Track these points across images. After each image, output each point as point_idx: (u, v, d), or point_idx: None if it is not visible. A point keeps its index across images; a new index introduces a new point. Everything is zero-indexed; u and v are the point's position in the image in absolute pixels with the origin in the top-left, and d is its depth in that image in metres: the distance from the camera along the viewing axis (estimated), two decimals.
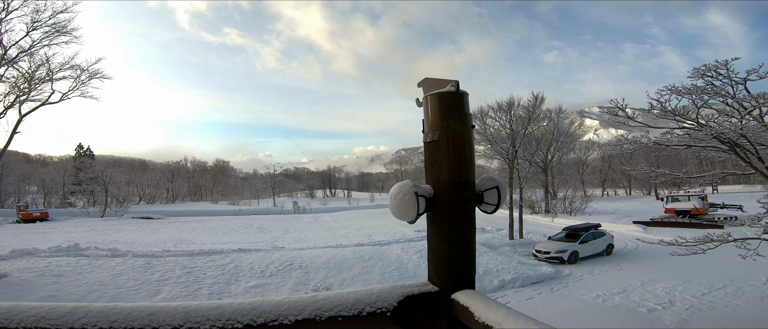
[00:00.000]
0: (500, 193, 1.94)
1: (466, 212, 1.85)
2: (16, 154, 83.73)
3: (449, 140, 1.80)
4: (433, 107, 1.89)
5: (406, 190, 1.72)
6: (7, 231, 23.34)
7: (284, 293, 9.65)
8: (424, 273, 11.35)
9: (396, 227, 23.86)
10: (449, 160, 1.79)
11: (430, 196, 1.80)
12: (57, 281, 9.71)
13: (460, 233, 1.84)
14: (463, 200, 1.83)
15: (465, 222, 1.84)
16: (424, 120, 1.96)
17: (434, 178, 1.84)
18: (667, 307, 10.25)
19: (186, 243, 17.81)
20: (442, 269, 1.85)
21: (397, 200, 1.73)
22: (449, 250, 1.83)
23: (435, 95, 1.89)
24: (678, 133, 6.19)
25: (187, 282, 9.93)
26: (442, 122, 1.83)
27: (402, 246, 14.30)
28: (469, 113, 1.88)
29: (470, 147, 1.88)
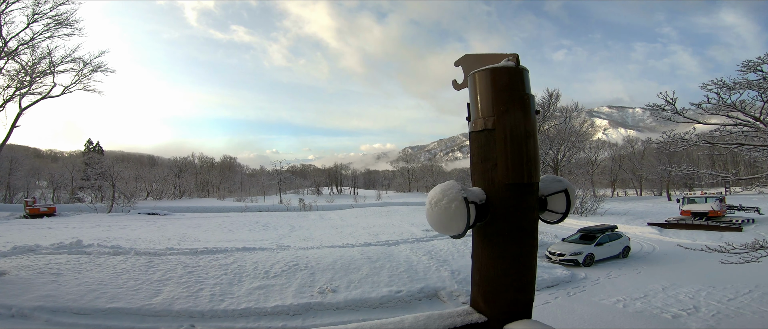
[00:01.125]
0: (569, 199, 1.49)
1: (528, 223, 1.40)
2: (27, 149, 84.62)
3: (508, 130, 1.33)
4: (483, 87, 1.41)
5: (452, 195, 1.28)
6: (12, 226, 23.29)
7: (289, 294, 9.27)
8: (434, 275, 10.82)
9: (403, 226, 23.41)
10: (508, 155, 1.32)
11: (482, 202, 1.36)
12: (55, 280, 9.42)
13: (520, 249, 1.39)
14: (524, 207, 1.37)
15: (526, 235, 1.39)
16: (471, 104, 1.51)
17: (486, 179, 1.39)
18: (693, 313, 9.71)
19: (190, 240, 17.54)
20: (493, 294, 1.40)
21: (440, 208, 1.29)
22: (505, 271, 1.37)
23: (486, 72, 1.40)
24: (730, 131, 5.64)
25: (188, 283, 9.58)
26: (497, 106, 1.34)
27: (410, 246, 13.87)
28: (532, 95, 1.43)
29: (534, 139, 1.42)
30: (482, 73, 1.41)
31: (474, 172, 1.45)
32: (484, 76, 1.40)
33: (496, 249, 1.36)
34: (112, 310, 8.28)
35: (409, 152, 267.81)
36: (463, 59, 1.65)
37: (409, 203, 46.18)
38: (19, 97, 12.63)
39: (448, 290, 9.98)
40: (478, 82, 1.43)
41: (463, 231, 1.27)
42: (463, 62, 1.64)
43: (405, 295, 9.54)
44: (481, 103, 1.40)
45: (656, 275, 12.85)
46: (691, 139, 5.81)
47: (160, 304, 8.51)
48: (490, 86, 1.39)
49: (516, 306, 1.40)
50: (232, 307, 8.55)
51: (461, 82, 1.62)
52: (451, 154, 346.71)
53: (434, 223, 1.33)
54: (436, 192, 1.32)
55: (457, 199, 1.25)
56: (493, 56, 1.50)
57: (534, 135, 1.38)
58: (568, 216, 1.53)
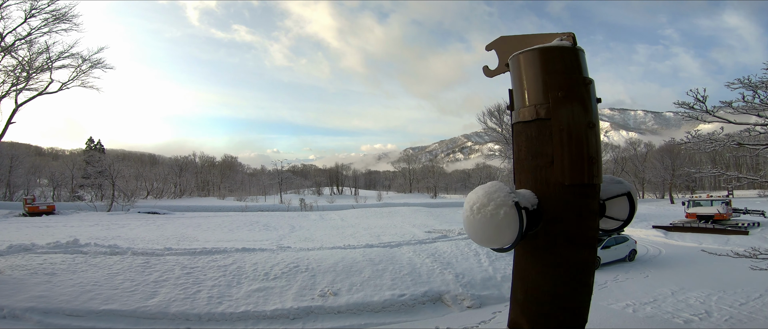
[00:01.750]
0: (632, 204, 1.24)
1: (589, 232, 1.14)
2: (28, 146, 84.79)
3: (566, 120, 1.08)
4: (532, 70, 1.15)
5: (500, 199, 1.01)
6: (11, 224, 23.08)
7: (289, 297, 9.01)
8: (438, 279, 10.57)
9: (405, 227, 23.15)
10: (567, 150, 1.07)
11: (534, 208, 1.11)
12: (49, 280, 9.16)
13: (577, 263, 1.13)
14: (585, 213, 1.10)
15: (586, 246, 1.12)
16: (514, 91, 1.25)
17: (538, 179, 1.10)
18: (705, 318, 9.45)
19: (189, 240, 17.30)
20: (541, 315, 1.11)
21: (485, 216, 1.02)
22: (557, 289, 1.10)
23: (536, 53, 1.13)
24: (759, 131, 5.36)
25: (186, 284, 9.32)
26: (553, 92, 1.09)
27: (413, 248, 13.61)
28: (592, 80, 1.18)
29: (597, 132, 1.18)
30: (530, 54, 1.16)
31: (520, 170, 1.19)
32: (534, 57, 1.15)
33: (549, 262, 1.10)
34: (106, 312, 8.03)
35: (410, 153, 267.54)
36: (498, 42, 1.39)
37: (410, 204, 45.94)
38: (15, 92, 12.40)
39: (452, 294, 9.72)
40: (525, 64, 1.17)
41: (512, 243, 1.02)
42: (498, 45, 1.38)
43: (408, 299, 9.28)
44: (530, 89, 1.15)
45: (664, 279, 12.57)
46: (720, 140, 5.53)
47: (155, 306, 8.25)
48: (541, 69, 1.13)
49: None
50: (230, 310, 8.30)
51: (495, 68, 1.36)
52: (452, 155, 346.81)
53: (476, 233, 1.07)
54: (478, 196, 1.06)
55: (506, 205, 1.00)
56: (536, 37, 1.24)
57: (597, 126, 1.12)
58: None
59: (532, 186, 1.14)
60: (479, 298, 9.70)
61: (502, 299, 9.97)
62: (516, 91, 1.22)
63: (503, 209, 1.01)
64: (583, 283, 1.12)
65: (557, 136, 1.08)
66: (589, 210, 1.09)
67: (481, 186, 1.10)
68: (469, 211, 1.07)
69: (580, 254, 1.09)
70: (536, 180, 1.12)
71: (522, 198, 1.06)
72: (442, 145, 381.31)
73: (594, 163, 1.08)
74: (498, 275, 10.85)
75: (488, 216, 1.02)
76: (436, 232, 20.42)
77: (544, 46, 1.15)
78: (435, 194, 76.12)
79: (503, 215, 1.00)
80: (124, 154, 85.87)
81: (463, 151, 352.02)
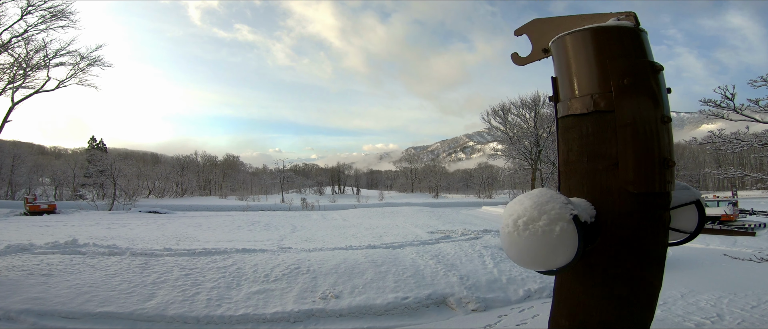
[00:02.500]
0: (702, 214, 1.02)
1: (658, 249, 0.90)
2: (31, 145, 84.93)
3: (634, 113, 0.86)
4: (584, 54, 0.93)
5: (555, 213, 0.75)
6: (11, 223, 22.98)
7: (289, 300, 8.81)
8: (442, 281, 10.37)
9: (407, 227, 22.93)
10: (635, 151, 0.85)
11: (592, 221, 0.88)
12: (45, 281, 8.99)
13: (642, 288, 0.88)
14: (655, 228, 0.89)
15: (653, 265, 0.88)
16: (560, 78, 1.02)
17: (597, 185, 0.86)
18: (716, 322, 9.18)
19: (189, 240, 17.12)
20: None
21: (535, 233, 0.76)
22: (615, 317, 0.86)
23: (589, 34, 0.91)
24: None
25: (184, 286, 9.13)
26: (615, 78, 0.87)
27: (416, 249, 13.39)
28: (662, 66, 0.95)
29: (670, 129, 0.94)
30: (582, 35, 0.94)
31: (570, 174, 0.97)
32: (586, 39, 0.93)
33: (606, 285, 0.88)
34: (102, 314, 7.84)
35: (412, 152, 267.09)
36: (532, 25, 1.18)
37: (412, 204, 45.74)
38: (11, 90, 12.22)
39: (456, 296, 9.50)
40: (574, 48, 0.95)
41: (568, 261, 0.81)
42: (530, 29, 1.17)
43: (412, 302, 9.06)
44: (582, 76, 0.93)
45: (673, 281, 12.28)
46: (745, 140, 5.29)
47: (153, 309, 8.06)
48: (597, 52, 0.91)
49: None
50: (229, 313, 8.10)
51: (527, 55, 1.15)
52: (454, 154, 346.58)
53: (521, 254, 0.85)
54: (525, 208, 0.84)
55: (562, 219, 0.78)
56: (580, 18, 1.02)
57: (670, 122, 0.91)
58: None
59: (586, 193, 0.92)
60: (484, 301, 9.47)
61: (507, 302, 9.74)
62: (563, 79, 1.00)
63: (559, 225, 0.79)
64: (646, 306, 0.91)
65: (622, 133, 0.87)
66: (660, 223, 0.87)
67: (528, 196, 0.88)
68: (513, 227, 0.85)
69: (645, 276, 0.88)
70: (593, 187, 0.90)
71: (580, 209, 0.85)
72: (444, 144, 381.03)
73: (668, 166, 0.86)
74: (503, 277, 10.62)
75: (539, 234, 0.80)
76: (439, 233, 20.19)
77: (600, 26, 0.93)
78: (437, 194, 75.85)
79: (559, 232, 0.79)
80: (126, 153, 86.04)
81: (465, 151, 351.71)
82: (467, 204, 50.68)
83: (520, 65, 1.24)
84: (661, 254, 0.91)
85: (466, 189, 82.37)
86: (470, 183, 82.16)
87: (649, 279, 0.90)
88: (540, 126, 16.25)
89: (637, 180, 0.86)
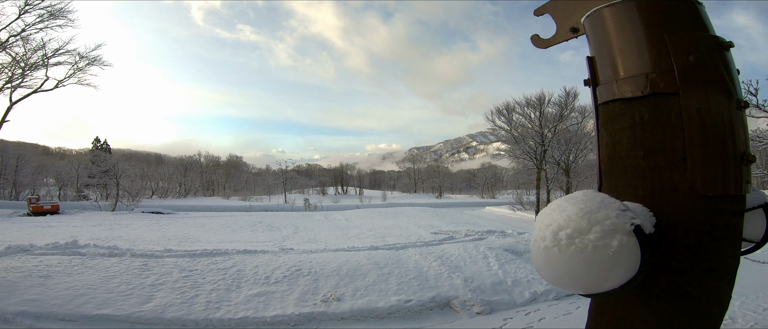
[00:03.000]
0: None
1: (732, 263, 0.73)
2: (36, 146, 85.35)
3: (704, 98, 0.70)
4: (631, 27, 0.77)
5: (610, 224, 0.58)
6: (14, 224, 22.98)
7: (290, 303, 8.64)
8: (446, 283, 10.16)
9: (410, 228, 22.73)
10: (706, 143, 0.69)
11: (652, 231, 0.70)
12: (43, 283, 8.87)
13: (712, 310, 0.72)
14: (730, 239, 0.71)
15: (724, 283, 0.72)
16: (598, 58, 0.82)
17: (657, 186, 0.64)
18: (728, 324, 8.92)
19: (191, 241, 17.01)
20: None
21: (583, 249, 0.59)
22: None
23: (637, 4, 0.75)
24: None
25: (183, 288, 8.98)
26: (677, 54, 0.71)
27: (419, 250, 13.20)
28: (731, 43, 0.77)
29: (744, 115, 0.75)
30: (626, 6, 0.76)
31: (619, 172, 0.77)
32: (632, 10, 0.74)
33: (667, 309, 0.69)
34: (100, 317, 7.71)
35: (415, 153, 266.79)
36: (555, 3, 1.00)
37: (416, 204, 45.53)
38: (10, 90, 12.12)
39: (461, 299, 9.30)
40: (616, 21, 0.76)
41: (624, 287, 0.62)
42: (554, 7, 0.98)
43: (415, 305, 8.87)
44: (629, 53, 0.74)
45: None
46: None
47: (151, 311, 7.92)
48: (649, 24, 0.72)
49: None
50: (228, 316, 7.94)
51: (552, 36, 0.96)
52: (457, 154, 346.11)
53: (564, 276, 0.65)
54: (568, 217, 0.64)
55: (621, 231, 0.59)
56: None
57: (746, 109, 0.72)
58: None
59: (642, 196, 0.73)
60: (489, 304, 9.27)
61: (512, 304, 9.53)
62: (603, 58, 0.82)
63: (616, 238, 0.61)
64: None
65: (690, 121, 0.68)
66: (734, 233, 0.69)
67: (571, 201, 0.69)
68: (552, 241, 0.67)
69: (714, 297, 0.69)
70: (651, 189, 0.72)
71: (641, 218, 0.66)
72: (447, 144, 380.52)
73: (747, 162, 0.68)
74: (508, 279, 10.41)
75: (589, 250, 0.62)
76: (443, 233, 19.98)
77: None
78: (440, 194, 75.57)
79: (617, 248, 0.61)
80: (130, 154, 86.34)
81: (468, 151, 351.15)
82: (471, 204, 50.42)
83: (542, 48, 1.07)
84: (733, 270, 0.72)
85: (469, 189, 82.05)
86: (473, 184, 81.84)
87: (719, 300, 0.71)
88: (545, 125, 16.00)
89: (710, 179, 0.68)
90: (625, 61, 0.79)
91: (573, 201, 0.70)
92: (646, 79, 0.74)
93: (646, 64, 0.75)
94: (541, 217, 0.74)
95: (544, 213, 0.73)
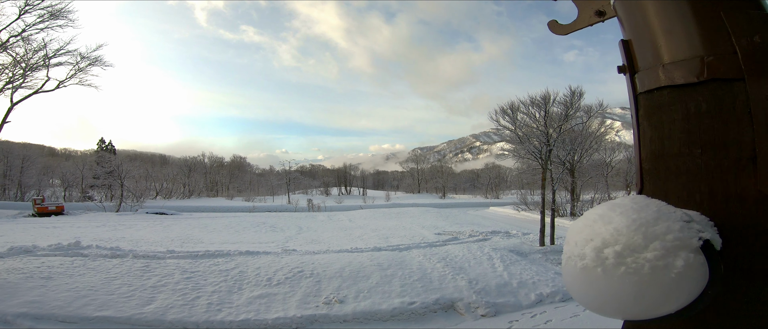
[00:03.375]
0: None
1: None
2: (42, 147, 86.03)
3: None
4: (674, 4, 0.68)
5: (673, 239, 0.52)
6: (18, 225, 23.04)
7: (292, 305, 8.53)
8: (451, 285, 10.01)
9: (414, 229, 22.60)
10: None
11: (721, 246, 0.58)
12: (44, 284, 8.82)
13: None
14: None
15: None
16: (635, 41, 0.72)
17: (720, 188, 0.61)
18: None
19: (193, 242, 16.96)
20: None
21: (638, 270, 0.51)
22: None
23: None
24: None
25: (185, 290, 8.90)
26: (740, 34, 0.62)
27: (423, 251, 13.07)
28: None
29: None
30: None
31: (668, 173, 0.64)
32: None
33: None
34: (100, 319, 7.64)
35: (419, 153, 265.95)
36: None
37: (419, 204, 45.36)
38: (11, 91, 12.11)
39: (465, 301, 9.17)
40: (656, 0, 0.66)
41: (683, 310, 0.50)
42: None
43: (419, 307, 8.74)
44: (677, 33, 0.62)
45: None
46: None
47: (151, 313, 7.84)
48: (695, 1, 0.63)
49: None
50: (229, 318, 7.85)
51: (573, 21, 0.86)
52: (461, 154, 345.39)
53: (610, 301, 0.53)
54: (616, 229, 0.51)
55: (687, 247, 0.47)
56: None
57: None
58: None
59: (700, 202, 0.61)
60: (494, 306, 9.12)
61: (518, 307, 9.38)
62: (642, 41, 0.71)
63: (682, 257, 0.49)
64: None
65: (760, 113, 0.56)
66: None
67: (616, 209, 0.56)
68: (594, 260, 0.54)
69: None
70: (713, 193, 0.59)
71: (704, 228, 0.53)
72: (451, 145, 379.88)
73: None
74: (514, 281, 10.25)
75: (645, 272, 0.49)
76: (447, 234, 19.83)
77: None
78: (444, 194, 75.32)
79: (682, 268, 0.48)
80: (135, 155, 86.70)
81: (472, 151, 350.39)
82: (475, 204, 50.21)
83: (562, 34, 0.97)
84: None
85: (473, 189, 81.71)
86: (477, 184, 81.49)
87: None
88: (550, 125, 15.84)
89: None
90: (671, 43, 0.67)
91: (621, 211, 0.57)
92: (702, 63, 0.61)
93: (698, 45, 0.63)
94: (577, 229, 0.61)
95: (582, 225, 0.61)
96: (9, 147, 44.78)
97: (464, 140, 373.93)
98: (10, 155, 42.96)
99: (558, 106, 16.98)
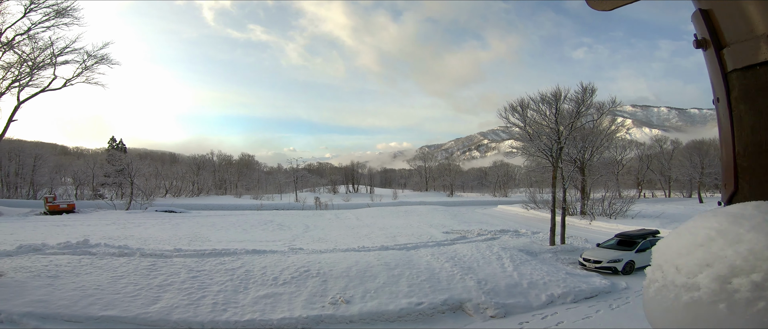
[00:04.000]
0: None
1: None
2: (54, 146, 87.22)
3: None
4: None
5: None
6: (29, 223, 23.32)
7: (298, 305, 8.42)
8: (459, 285, 9.78)
9: (422, 228, 22.39)
10: None
11: None
12: (51, 283, 8.82)
13: None
14: None
15: None
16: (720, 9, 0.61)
17: None
18: None
19: (201, 240, 16.97)
20: None
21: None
22: None
23: None
24: None
25: (190, 289, 8.84)
26: None
27: (431, 250, 12.88)
28: None
29: None
30: None
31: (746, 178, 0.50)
32: None
33: None
34: (106, 318, 7.60)
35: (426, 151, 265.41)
36: None
37: (427, 202, 45.12)
38: (17, 89, 12.15)
39: (474, 302, 8.97)
40: None
41: None
42: None
43: (426, 308, 8.57)
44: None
45: None
46: None
47: (157, 313, 7.78)
48: None
49: None
50: (234, 318, 7.76)
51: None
52: (468, 152, 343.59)
53: None
54: (750, 253, 0.38)
55: None
56: None
57: None
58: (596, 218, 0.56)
59: None
60: (504, 307, 8.91)
61: (528, 308, 9.16)
62: (729, 10, 0.55)
63: None
64: None
65: None
66: None
67: (742, 223, 0.41)
68: (715, 292, 0.38)
69: None
70: None
71: None
72: (459, 142, 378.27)
73: None
74: (524, 281, 10.03)
75: None
76: (455, 233, 19.60)
77: None
78: (451, 192, 74.90)
79: None
80: (145, 153, 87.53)
81: (480, 149, 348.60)
82: (483, 203, 49.80)
83: (606, 10, 0.85)
84: None
85: (481, 187, 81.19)
86: (485, 182, 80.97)
87: None
88: (560, 122, 15.50)
89: None
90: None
91: (751, 224, 0.40)
92: None
93: None
94: (679, 249, 0.45)
95: (689, 244, 0.44)
96: (21, 146, 45.46)
97: (472, 138, 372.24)
98: (23, 154, 43.60)
99: (569, 103, 16.63)
